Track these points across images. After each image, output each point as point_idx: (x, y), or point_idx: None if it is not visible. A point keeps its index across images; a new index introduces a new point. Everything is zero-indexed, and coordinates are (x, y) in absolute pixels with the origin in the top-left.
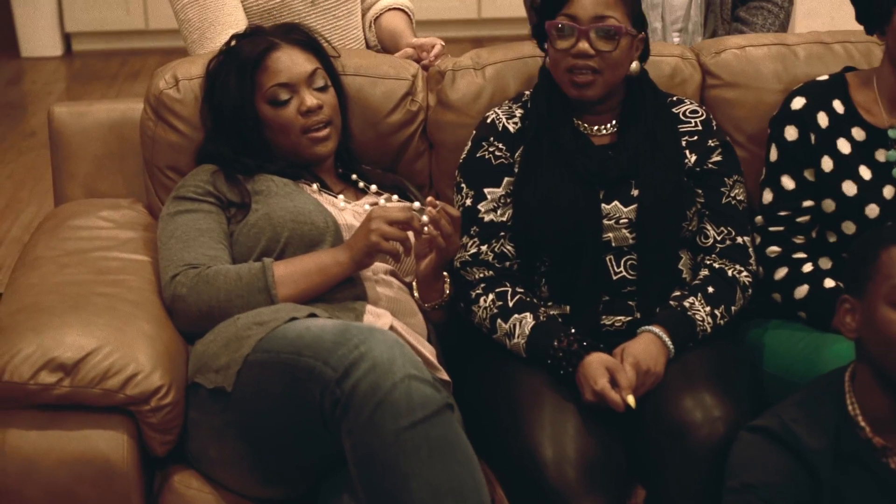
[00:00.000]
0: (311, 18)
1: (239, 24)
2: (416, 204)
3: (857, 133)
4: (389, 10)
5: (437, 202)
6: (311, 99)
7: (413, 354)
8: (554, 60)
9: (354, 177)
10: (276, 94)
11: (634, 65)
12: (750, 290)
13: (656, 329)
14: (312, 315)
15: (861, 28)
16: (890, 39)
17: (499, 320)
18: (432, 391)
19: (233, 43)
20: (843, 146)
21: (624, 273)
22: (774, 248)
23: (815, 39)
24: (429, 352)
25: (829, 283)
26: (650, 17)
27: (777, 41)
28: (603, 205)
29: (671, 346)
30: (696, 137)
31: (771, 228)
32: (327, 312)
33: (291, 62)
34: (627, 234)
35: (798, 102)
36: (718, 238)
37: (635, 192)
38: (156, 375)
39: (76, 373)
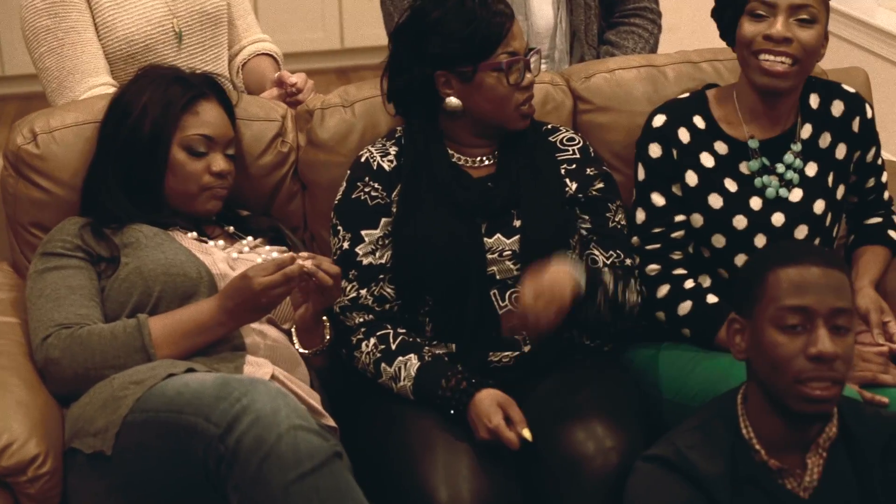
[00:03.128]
0: (178, 63)
1: (99, 72)
2: (291, 256)
3: (720, 146)
4: (257, 55)
5: (314, 257)
6: (223, 164)
7: (297, 403)
8: (500, 98)
9: (231, 229)
10: (195, 144)
11: None
12: (640, 302)
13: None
14: (191, 370)
15: (725, 47)
16: (737, 48)
17: (383, 364)
18: (319, 440)
19: (146, 73)
20: (707, 160)
21: (510, 306)
22: (654, 266)
23: (684, 59)
24: (313, 399)
25: (711, 298)
26: None
27: (646, 63)
28: (485, 238)
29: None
30: (574, 165)
31: (648, 247)
32: (206, 366)
33: (219, 119)
34: (512, 266)
35: (659, 120)
36: (608, 262)
37: (517, 223)
38: (31, 444)
39: None
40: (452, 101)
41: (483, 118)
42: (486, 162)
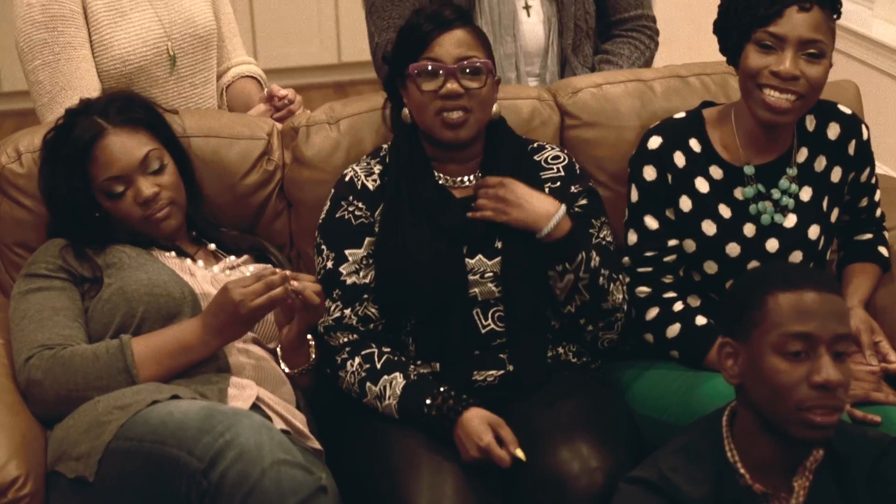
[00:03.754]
0: (170, 84)
1: (91, 90)
2: (271, 269)
3: (715, 171)
4: (241, 77)
5: (298, 277)
6: (147, 188)
7: (282, 437)
8: (420, 105)
9: (213, 247)
10: (109, 188)
11: (496, 107)
12: (622, 318)
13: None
14: (175, 397)
15: (717, 60)
16: (740, 75)
17: (368, 383)
18: (304, 475)
19: (62, 121)
20: (702, 185)
21: (492, 326)
22: (644, 289)
23: (672, 73)
24: (298, 420)
25: (700, 320)
26: (504, 68)
27: (633, 77)
28: (467, 259)
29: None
30: (558, 184)
31: (639, 269)
32: (190, 388)
33: (121, 151)
34: (493, 288)
35: (655, 142)
36: None
37: (499, 245)
38: (12, 466)
39: None
40: (405, 112)
41: (421, 128)
42: (470, 182)
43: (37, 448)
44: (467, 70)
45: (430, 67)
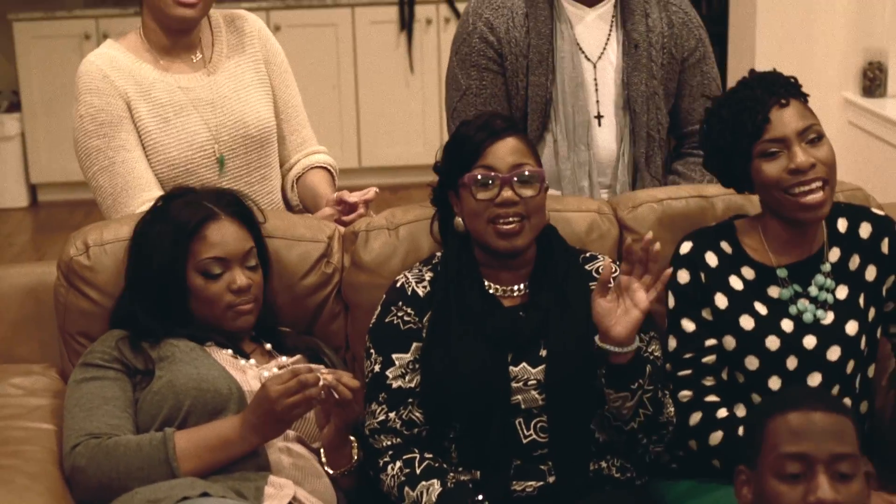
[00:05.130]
0: (223, 185)
1: (151, 188)
2: (308, 367)
3: (747, 272)
4: (311, 168)
5: (334, 372)
6: (242, 278)
7: None
8: (474, 214)
9: (269, 346)
10: (208, 267)
11: (546, 215)
12: (674, 421)
13: None
14: (205, 494)
15: None
16: (760, 192)
17: (406, 488)
18: None
19: (160, 204)
20: (736, 283)
21: (534, 436)
22: (686, 393)
23: (733, 190)
24: None
25: (742, 430)
26: (577, 176)
27: (695, 193)
28: (511, 367)
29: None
30: None
31: (680, 373)
32: (226, 485)
33: (229, 237)
34: (537, 396)
35: (686, 247)
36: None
37: (543, 353)
38: None
39: None
40: (458, 220)
41: (474, 236)
42: (519, 291)
43: None
44: (522, 178)
45: (483, 176)
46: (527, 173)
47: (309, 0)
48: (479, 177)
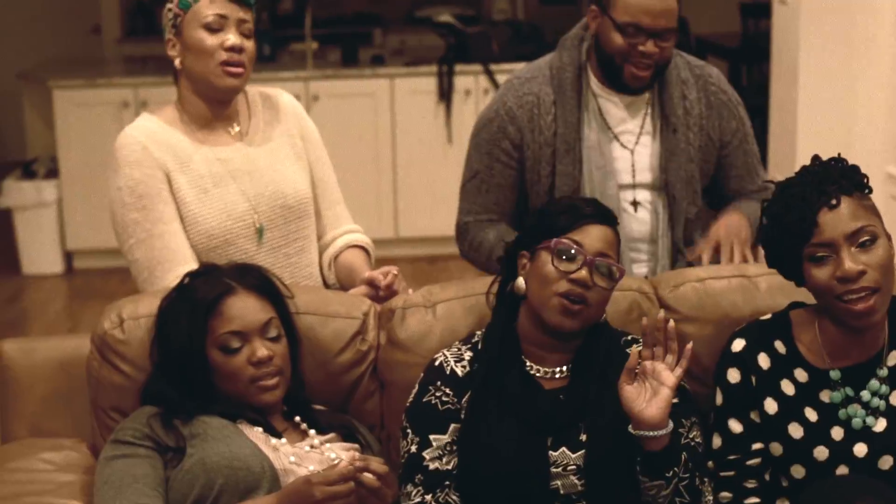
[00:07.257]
0: (260, 257)
1: (188, 261)
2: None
3: (800, 374)
4: (348, 248)
5: (365, 458)
6: (262, 350)
7: None
8: (544, 280)
9: (298, 419)
10: (227, 342)
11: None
12: None
13: None
14: None
15: None
16: (813, 293)
17: None
18: None
19: (186, 281)
20: (787, 387)
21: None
22: (726, 495)
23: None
24: None
25: None
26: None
27: (738, 273)
28: (550, 451)
29: None
30: None
31: (722, 474)
32: None
33: (246, 310)
34: (576, 482)
35: (738, 344)
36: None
37: (583, 437)
38: None
39: None
40: (519, 281)
41: (534, 303)
42: (561, 374)
43: None
44: (603, 268)
45: (574, 250)
46: (612, 266)
47: (348, 70)
48: (569, 248)
